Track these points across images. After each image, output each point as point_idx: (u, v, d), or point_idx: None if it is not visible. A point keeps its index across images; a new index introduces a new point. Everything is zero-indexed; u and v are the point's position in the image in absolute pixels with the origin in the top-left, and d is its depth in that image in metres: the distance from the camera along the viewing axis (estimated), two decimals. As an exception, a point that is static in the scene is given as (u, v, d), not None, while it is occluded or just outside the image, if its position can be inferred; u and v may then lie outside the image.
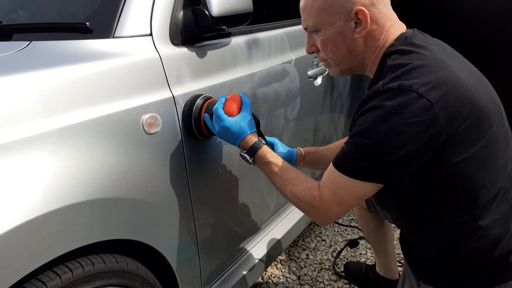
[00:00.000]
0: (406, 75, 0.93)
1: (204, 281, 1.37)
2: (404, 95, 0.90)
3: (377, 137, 0.93)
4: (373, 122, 0.93)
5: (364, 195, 1.01)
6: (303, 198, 1.08)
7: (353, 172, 0.98)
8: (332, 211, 1.04)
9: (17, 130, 0.85)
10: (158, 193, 1.13)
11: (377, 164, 0.95)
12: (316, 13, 1.05)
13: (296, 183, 1.10)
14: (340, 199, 1.02)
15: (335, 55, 1.08)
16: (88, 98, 0.98)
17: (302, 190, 1.08)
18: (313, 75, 1.92)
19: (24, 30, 1.28)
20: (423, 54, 0.96)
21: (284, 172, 1.13)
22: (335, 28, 1.04)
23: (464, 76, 0.95)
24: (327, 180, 1.05)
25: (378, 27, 1.03)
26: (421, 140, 0.91)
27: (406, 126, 0.90)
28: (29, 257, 0.83)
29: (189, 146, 1.21)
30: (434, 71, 0.92)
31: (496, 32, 3.13)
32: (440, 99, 0.90)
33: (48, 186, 0.86)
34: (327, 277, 2.00)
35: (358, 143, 0.96)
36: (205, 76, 1.29)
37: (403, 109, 0.90)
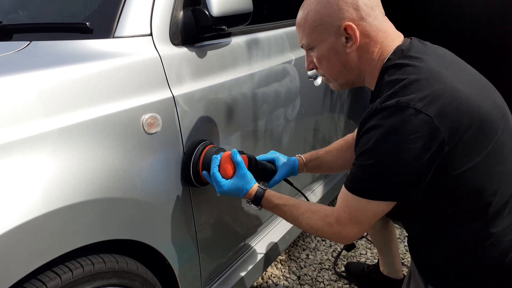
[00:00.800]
0: (403, 91, 0.93)
1: (204, 281, 1.37)
2: (402, 112, 0.91)
3: (380, 157, 0.94)
4: (374, 142, 0.94)
5: (381, 213, 1.03)
6: (321, 228, 1.11)
7: (364, 193, 1.00)
8: (352, 232, 1.06)
9: (17, 130, 0.85)
10: (158, 193, 1.13)
11: (384, 183, 0.96)
12: (308, 32, 1.07)
13: (309, 216, 1.13)
14: (357, 220, 1.04)
15: (331, 70, 1.10)
16: (88, 98, 0.98)
17: (318, 221, 1.11)
18: (313, 75, 1.92)
19: (24, 30, 1.28)
20: (418, 67, 0.96)
21: (295, 209, 1.16)
22: (327, 44, 1.06)
23: (462, 85, 0.95)
24: (341, 203, 1.06)
25: (370, 40, 1.03)
26: (425, 155, 0.91)
27: (407, 143, 0.91)
28: (29, 257, 0.83)
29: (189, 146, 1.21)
30: (430, 84, 0.92)
31: (496, 32, 3.13)
32: (439, 112, 0.90)
33: (48, 186, 0.86)
34: (327, 277, 2.00)
35: (363, 163, 0.98)
36: (205, 76, 1.29)
37: (402, 126, 0.90)
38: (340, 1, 1.01)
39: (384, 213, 1.03)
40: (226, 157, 1.20)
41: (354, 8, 1.00)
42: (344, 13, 1.01)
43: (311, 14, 1.05)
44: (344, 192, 1.05)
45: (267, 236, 1.77)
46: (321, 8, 1.03)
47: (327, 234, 1.11)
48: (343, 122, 2.36)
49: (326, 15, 1.03)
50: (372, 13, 1.02)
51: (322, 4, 1.03)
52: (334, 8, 1.01)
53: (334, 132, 2.26)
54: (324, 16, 1.03)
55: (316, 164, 1.46)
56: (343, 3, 1.01)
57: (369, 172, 0.97)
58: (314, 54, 1.11)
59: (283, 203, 1.18)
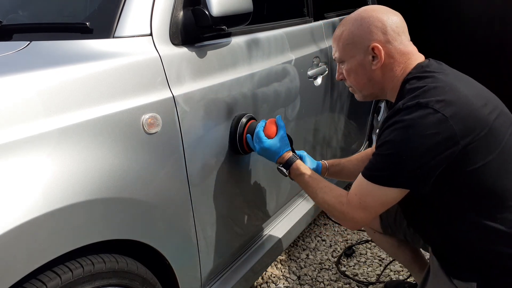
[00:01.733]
0: (423, 95, 1.07)
1: (204, 281, 1.38)
2: (421, 110, 1.04)
3: (398, 148, 1.06)
4: (394, 135, 1.06)
5: (389, 201, 1.13)
6: (333, 204, 1.23)
7: (378, 179, 1.11)
8: (359, 216, 1.17)
9: (17, 130, 0.85)
10: (158, 193, 1.13)
11: (398, 171, 1.07)
12: (341, 48, 1.24)
13: (326, 191, 1.26)
14: (366, 205, 1.14)
15: (357, 83, 1.25)
16: (88, 98, 0.98)
17: (332, 197, 1.23)
18: (313, 75, 1.92)
19: (24, 30, 1.28)
20: (436, 78, 1.11)
21: (316, 182, 1.30)
22: (356, 60, 1.21)
23: (473, 96, 1.08)
24: (355, 188, 1.17)
25: (394, 61, 1.18)
26: (438, 150, 1.03)
27: (423, 138, 1.02)
28: (29, 257, 0.83)
29: (189, 146, 1.21)
30: (446, 91, 1.06)
31: (496, 32, 3.13)
32: (454, 114, 1.02)
33: (48, 186, 0.86)
34: (327, 277, 2.00)
35: (382, 153, 1.10)
36: (205, 76, 1.29)
37: (420, 122, 1.03)
38: (371, 25, 1.17)
39: (392, 202, 1.13)
40: (270, 121, 1.39)
41: (382, 32, 1.16)
42: (373, 35, 1.17)
43: (345, 33, 1.22)
44: (359, 178, 1.16)
45: (267, 236, 1.77)
46: (355, 29, 1.19)
47: (336, 211, 1.22)
48: (343, 122, 2.36)
49: (358, 35, 1.19)
50: (398, 38, 1.17)
51: (356, 26, 1.19)
52: (365, 31, 1.18)
53: (334, 132, 2.26)
54: (356, 36, 1.19)
55: (338, 170, 1.59)
56: (373, 27, 1.17)
57: (386, 160, 1.09)
58: (344, 67, 1.26)
59: (308, 174, 1.33)
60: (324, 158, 2.17)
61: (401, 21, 1.20)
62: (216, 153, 1.35)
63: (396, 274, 2.00)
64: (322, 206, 1.28)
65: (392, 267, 2.04)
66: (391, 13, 1.20)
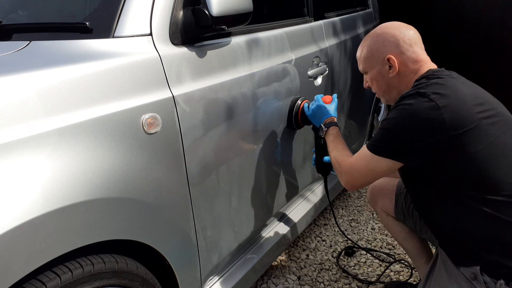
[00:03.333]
0: (423, 87, 1.25)
1: (204, 281, 1.37)
2: (419, 98, 1.21)
3: (393, 124, 1.25)
4: (393, 113, 1.26)
5: (377, 170, 1.31)
6: (337, 160, 1.46)
7: (373, 148, 1.29)
8: (350, 176, 1.39)
9: (17, 130, 0.85)
10: (158, 193, 1.12)
11: (390, 143, 1.25)
12: (364, 60, 1.45)
13: (340, 150, 1.51)
14: (358, 167, 1.35)
15: (380, 89, 1.45)
16: (88, 98, 0.98)
17: (339, 156, 1.47)
18: (313, 75, 1.92)
19: (24, 30, 1.28)
20: (440, 78, 1.27)
21: (339, 143, 1.55)
22: (376, 70, 1.41)
23: (468, 96, 1.21)
24: (356, 153, 1.39)
25: (407, 69, 1.36)
26: (427, 133, 1.18)
27: (415, 119, 1.19)
28: (28, 257, 0.83)
29: (189, 146, 1.21)
30: (445, 87, 1.22)
31: (496, 32, 3.13)
32: (446, 105, 1.17)
33: (48, 186, 0.86)
34: (327, 277, 2.00)
35: (381, 127, 1.29)
36: (205, 76, 1.29)
37: (415, 106, 1.20)
38: (385, 40, 1.37)
39: (380, 173, 1.31)
40: (326, 95, 1.70)
41: (395, 45, 1.35)
42: (387, 48, 1.36)
43: (365, 48, 1.43)
44: (363, 147, 1.36)
45: (267, 236, 1.77)
46: (372, 44, 1.40)
47: (338, 165, 1.45)
48: (343, 122, 2.36)
49: (375, 49, 1.39)
50: (410, 48, 1.35)
51: (373, 41, 1.40)
52: (381, 45, 1.38)
53: (334, 132, 2.26)
54: (373, 50, 1.40)
55: None
56: (387, 41, 1.36)
57: (382, 133, 1.28)
58: (368, 77, 1.46)
59: (338, 137, 1.58)
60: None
61: (414, 34, 1.37)
62: (216, 153, 1.35)
63: (396, 275, 1.99)
64: (333, 160, 1.50)
65: (392, 267, 2.04)
66: (404, 27, 1.38)
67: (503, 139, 1.20)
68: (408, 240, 1.68)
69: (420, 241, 1.67)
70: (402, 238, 1.70)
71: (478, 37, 3.20)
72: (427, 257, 1.65)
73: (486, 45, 3.18)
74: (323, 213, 2.55)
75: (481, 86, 1.31)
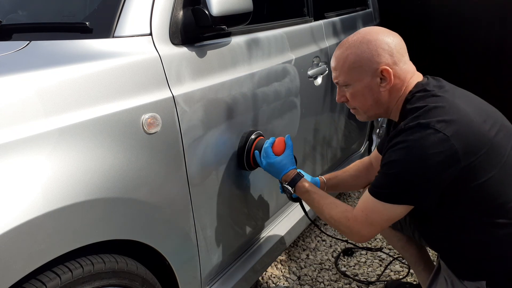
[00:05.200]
0: (424, 115, 1.10)
1: (204, 281, 1.37)
2: (423, 130, 1.07)
3: (402, 167, 1.10)
4: (398, 154, 1.11)
5: (394, 217, 1.17)
6: (339, 220, 1.26)
7: (384, 197, 1.15)
8: (365, 231, 1.21)
9: (17, 130, 0.84)
10: (158, 193, 1.12)
11: (403, 189, 1.12)
12: (347, 71, 1.23)
13: (332, 207, 1.30)
14: (372, 221, 1.19)
15: (363, 105, 1.26)
16: (87, 98, 0.98)
17: (338, 213, 1.27)
18: (313, 75, 1.92)
19: (24, 30, 1.28)
20: (436, 96, 1.14)
21: (322, 198, 1.34)
22: (363, 83, 1.21)
23: (472, 113, 1.11)
24: (361, 204, 1.22)
25: (400, 81, 1.20)
26: (441, 168, 1.07)
27: (426, 157, 1.06)
28: (28, 257, 0.83)
29: (189, 146, 1.21)
30: (447, 111, 1.09)
31: (496, 32, 3.13)
32: (455, 133, 1.06)
33: (48, 186, 0.86)
34: (327, 277, 2.00)
35: (387, 172, 1.14)
36: (205, 76, 1.29)
37: (422, 142, 1.07)
38: (378, 48, 1.18)
39: (397, 218, 1.18)
40: (279, 139, 1.44)
41: (389, 54, 1.18)
42: (381, 58, 1.18)
43: (351, 57, 1.21)
44: (366, 195, 1.20)
45: (267, 236, 1.77)
46: (361, 52, 1.19)
47: (342, 226, 1.26)
48: (343, 122, 2.36)
49: (366, 58, 1.19)
50: (402, 58, 1.20)
51: (362, 49, 1.19)
52: (373, 54, 1.18)
53: (334, 132, 2.26)
54: (363, 59, 1.19)
55: (335, 183, 1.61)
56: (381, 49, 1.18)
57: (391, 179, 1.13)
58: (349, 90, 1.25)
59: (314, 191, 1.37)
60: (324, 158, 2.17)
61: (401, 42, 1.22)
62: (216, 153, 1.35)
63: (396, 274, 1.99)
64: (328, 221, 1.31)
65: (392, 267, 2.04)
66: (392, 34, 1.22)
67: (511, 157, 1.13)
68: (406, 249, 1.65)
69: (418, 249, 1.64)
70: (400, 247, 1.67)
71: (478, 37, 3.20)
72: (425, 265, 1.63)
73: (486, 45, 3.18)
74: (323, 213, 2.55)
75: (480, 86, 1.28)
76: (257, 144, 1.45)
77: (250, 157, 1.45)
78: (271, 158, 1.40)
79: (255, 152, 1.43)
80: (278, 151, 1.41)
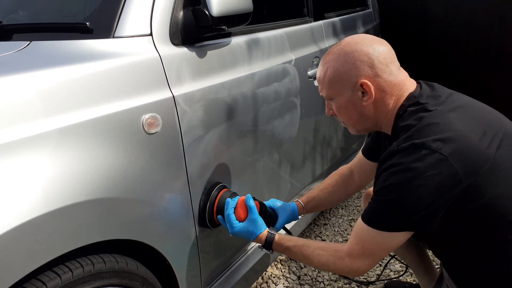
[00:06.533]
0: (417, 134, 1.02)
1: (204, 281, 1.37)
2: (418, 152, 0.99)
3: (398, 192, 1.01)
4: (393, 179, 1.02)
5: (394, 245, 1.09)
6: (333, 263, 1.17)
7: (380, 225, 1.06)
8: (364, 265, 1.12)
9: (17, 130, 0.85)
10: (158, 193, 1.13)
11: (401, 216, 1.03)
12: (328, 85, 1.17)
13: (319, 253, 1.20)
14: (370, 252, 1.10)
15: (349, 119, 1.20)
16: (88, 98, 0.98)
17: (329, 257, 1.18)
18: (313, 75, 1.92)
19: (24, 30, 1.28)
20: (429, 112, 1.06)
21: (304, 248, 1.23)
22: (345, 97, 1.15)
23: (470, 129, 1.02)
24: (356, 237, 1.13)
25: (385, 94, 1.12)
26: (441, 191, 0.99)
27: (424, 180, 0.98)
28: (29, 257, 0.83)
29: (189, 146, 1.21)
30: (441, 129, 1.01)
31: (496, 32, 3.13)
32: (453, 152, 0.98)
33: (48, 186, 0.86)
34: (327, 277, 2.00)
35: (381, 199, 1.06)
36: (205, 76, 1.29)
37: (418, 164, 0.98)
38: (356, 60, 1.10)
39: (397, 245, 1.10)
40: (240, 201, 1.31)
41: (369, 66, 1.10)
42: (360, 71, 1.10)
43: (330, 70, 1.15)
44: (360, 226, 1.11)
45: (267, 236, 1.77)
46: (339, 66, 1.13)
47: (339, 268, 1.17)
48: (343, 122, 2.36)
49: (344, 72, 1.12)
50: (387, 69, 1.11)
51: (340, 62, 1.13)
52: (350, 67, 1.11)
53: (334, 132, 2.26)
54: (341, 73, 1.13)
55: (314, 205, 1.54)
56: (359, 62, 1.10)
57: (387, 206, 1.04)
58: (334, 104, 1.20)
59: (293, 245, 1.26)
60: (324, 158, 2.17)
61: (388, 50, 1.13)
62: (216, 153, 1.35)
63: (396, 274, 2.00)
64: (322, 269, 1.23)
65: (392, 267, 2.04)
66: (376, 43, 1.13)
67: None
68: (407, 253, 1.61)
69: (419, 254, 1.60)
70: (400, 253, 1.65)
71: (478, 37, 3.21)
72: (426, 268, 1.61)
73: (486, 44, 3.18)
74: (323, 213, 2.55)
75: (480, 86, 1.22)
76: (219, 202, 1.32)
77: (214, 217, 1.33)
78: (235, 226, 1.28)
79: (219, 218, 1.32)
80: (241, 216, 1.30)
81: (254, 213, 1.30)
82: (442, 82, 1.24)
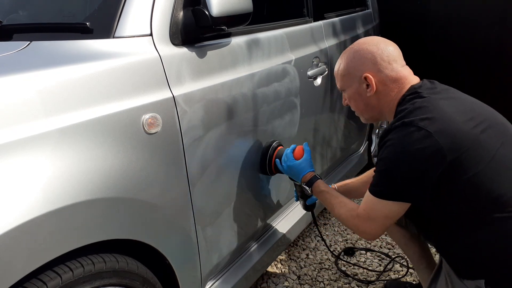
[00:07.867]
0: (407, 115, 1.17)
1: (204, 281, 1.38)
2: (406, 129, 1.14)
3: (390, 164, 1.17)
4: (386, 152, 1.18)
5: (392, 214, 1.23)
6: (346, 218, 1.36)
7: (378, 194, 1.22)
8: (369, 228, 1.28)
9: (17, 130, 0.85)
10: (158, 193, 1.13)
11: (393, 186, 1.18)
12: (340, 78, 1.38)
13: (342, 206, 1.40)
14: (372, 218, 1.25)
15: (357, 108, 1.39)
16: (88, 98, 0.98)
17: (346, 211, 1.37)
18: (313, 76, 1.93)
19: (24, 30, 1.28)
20: (423, 98, 1.20)
21: (333, 198, 1.46)
22: (353, 89, 1.34)
23: (456, 113, 1.16)
24: (363, 202, 1.29)
25: (387, 87, 1.28)
26: (427, 164, 1.11)
27: (411, 154, 1.12)
28: (29, 256, 0.83)
29: (189, 146, 1.22)
30: (430, 110, 1.15)
31: (496, 32, 3.13)
32: (438, 130, 1.11)
33: (48, 186, 0.87)
34: (327, 276, 2.00)
35: (378, 169, 1.22)
36: (205, 76, 1.29)
37: (406, 139, 1.13)
38: (362, 57, 1.30)
39: (397, 215, 1.22)
40: (299, 146, 1.60)
41: (372, 63, 1.28)
42: (364, 66, 1.29)
43: (342, 65, 1.36)
44: (367, 194, 1.27)
45: (267, 235, 1.78)
46: (349, 62, 1.33)
47: (350, 223, 1.35)
48: (343, 122, 2.36)
49: (352, 67, 1.32)
50: (389, 66, 1.28)
51: (350, 59, 1.33)
52: (357, 63, 1.31)
53: (334, 132, 2.26)
54: (350, 68, 1.33)
55: (345, 189, 1.68)
56: (364, 58, 1.29)
57: (382, 176, 1.20)
58: (346, 95, 1.40)
59: (327, 191, 1.49)
60: (324, 158, 2.18)
61: (393, 50, 1.30)
62: (216, 153, 1.36)
63: (396, 274, 2.00)
64: (339, 219, 1.41)
65: (392, 267, 2.04)
66: (382, 43, 1.30)
67: (502, 152, 1.15)
68: (409, 246, 1.66)
69: (421, 247, 1.65)
70: (403, 243, 1.68)
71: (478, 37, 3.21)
72: (427, 263, 1.64)
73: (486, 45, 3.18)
74: (323, 212, 2.55)
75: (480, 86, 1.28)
76: (278, 152, 1.62)
77: (272, 163, 1.61)
78: (291, 161, 1.55)
79: (276, 160, 1.60)
80: (298, 156, 1.56)
81: (309, 155, 1.59)
82: (442, 82, 1.30)
